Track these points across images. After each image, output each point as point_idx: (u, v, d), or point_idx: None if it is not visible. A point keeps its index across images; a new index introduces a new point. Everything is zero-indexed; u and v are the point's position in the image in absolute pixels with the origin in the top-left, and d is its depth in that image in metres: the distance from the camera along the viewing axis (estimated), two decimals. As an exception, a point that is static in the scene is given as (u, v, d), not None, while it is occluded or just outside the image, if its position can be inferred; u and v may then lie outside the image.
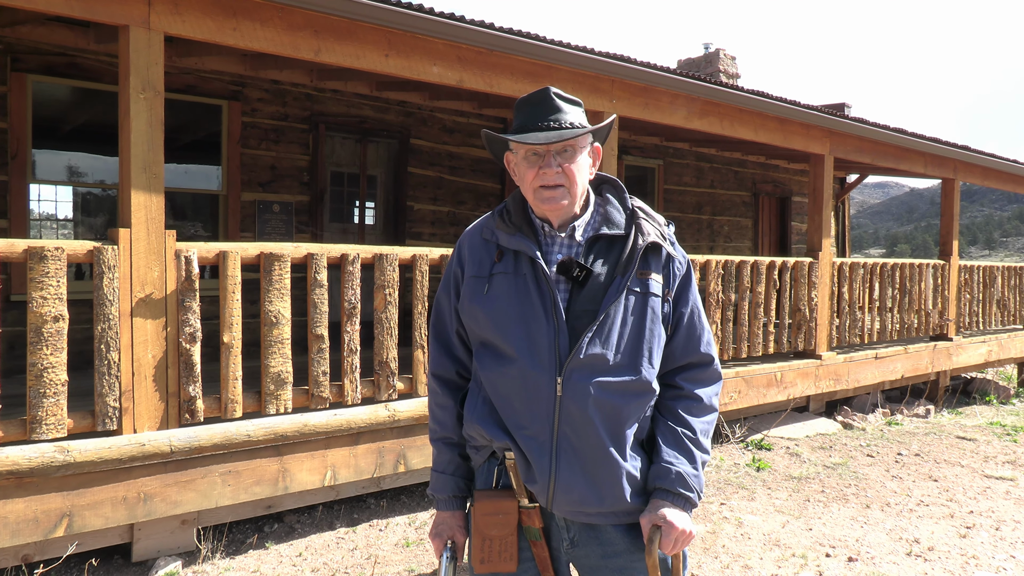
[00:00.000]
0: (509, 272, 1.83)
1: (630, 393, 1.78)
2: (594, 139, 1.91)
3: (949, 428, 8.02)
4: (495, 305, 1.82)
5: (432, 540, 1.97)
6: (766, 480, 5.91)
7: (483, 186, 9.37)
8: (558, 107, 1.82)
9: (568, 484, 1.76)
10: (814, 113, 7.25)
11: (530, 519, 1.83)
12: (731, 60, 13.97)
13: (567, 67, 5.49)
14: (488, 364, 1.83)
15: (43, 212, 6.93)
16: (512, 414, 1.80)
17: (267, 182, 7.71)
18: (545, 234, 1.87)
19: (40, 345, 3.52)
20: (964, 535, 4.84)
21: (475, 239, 1.93)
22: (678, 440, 1.83)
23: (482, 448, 1.90)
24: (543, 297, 1.79)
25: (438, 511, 1.99)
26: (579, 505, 1.78)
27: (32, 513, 3.54)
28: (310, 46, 4.37)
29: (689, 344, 1.90)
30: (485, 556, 1.84)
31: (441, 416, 1.99)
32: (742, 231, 12.65)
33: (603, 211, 1.90)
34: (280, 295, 4.28)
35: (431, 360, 2.02)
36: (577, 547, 1.85)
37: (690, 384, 1.89)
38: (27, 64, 6.32)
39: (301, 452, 4.36)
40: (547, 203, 1.81)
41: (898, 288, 8.87)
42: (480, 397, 1.88)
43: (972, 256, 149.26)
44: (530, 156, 1.82)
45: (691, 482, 1.79)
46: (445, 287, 1.97)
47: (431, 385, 2.02)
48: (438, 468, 1.99)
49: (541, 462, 1.77)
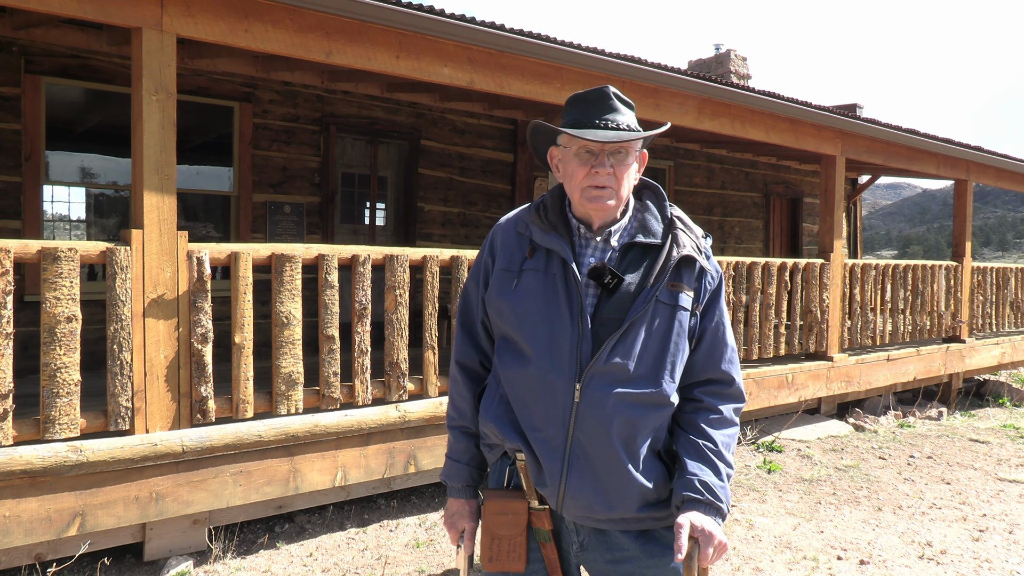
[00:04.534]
0: (539, 270, 1.80)
1: (649, 405, 1.76)
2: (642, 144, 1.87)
3: (962, 431, 7.96)
4: (521, 301, 1.80)
5: (447, 529, 1.97)
6: (777, 482, 5.89)
7: (493, 187, 9.37)
8: (616, 107, 1.79)
9: (578, 490, 1.75)
10: (825, 114, 7.22)
11: (540, 521, 1.83)
12: (742, 61, 13.93)
13: (577, 68, 5.49)
14: (507, 362, 1.82)
15: (56, 213, 6.98)
16: (527, 415, 1.79)
17: (278, 183, 7.73)
18: (580, 235, 1.84)
19: (53, 345, 3.55)
20: (977, 538, 4.80)
21: (509, 231, 1.91)
22: (701, 453, 1.79)
23: (495, 447, 1.89)
24: (570, 300, 1.76)
25: (451, 498, 1.99)
26: (588, 511, 1.77)
27: (45, 512, 3.56)
28: (321, 48, 4.39)
29: (710, 359, 1.86)
30: (494, 555, 1.85)
31: (460, 404, 1.98)
32: (753, 232, 12.60)
33: (640, 218, 1.86)
34: (291, 296, 4.30)
35: (456, 348, 2.00)
36: (586, 551, 1.85)
37: (711, 398, 1.86)
38: (41, 66, 6.37)
39: (312, 452, 4.37)
40: (594, 202, 1.77)
41: (910, 290, 8.81)
42: (497, 395, 1.87)
43: (985, 258, 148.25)
44: (583, 154, 1.78)
45: (719, 492, 1.75)
46: (474, 276, 1.95)
47: (454, 373, 2.00)
48: (453, 456, 1.99)
49: (552, 466, 1.76)
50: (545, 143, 1.91)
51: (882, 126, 7.90)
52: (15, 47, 6.26)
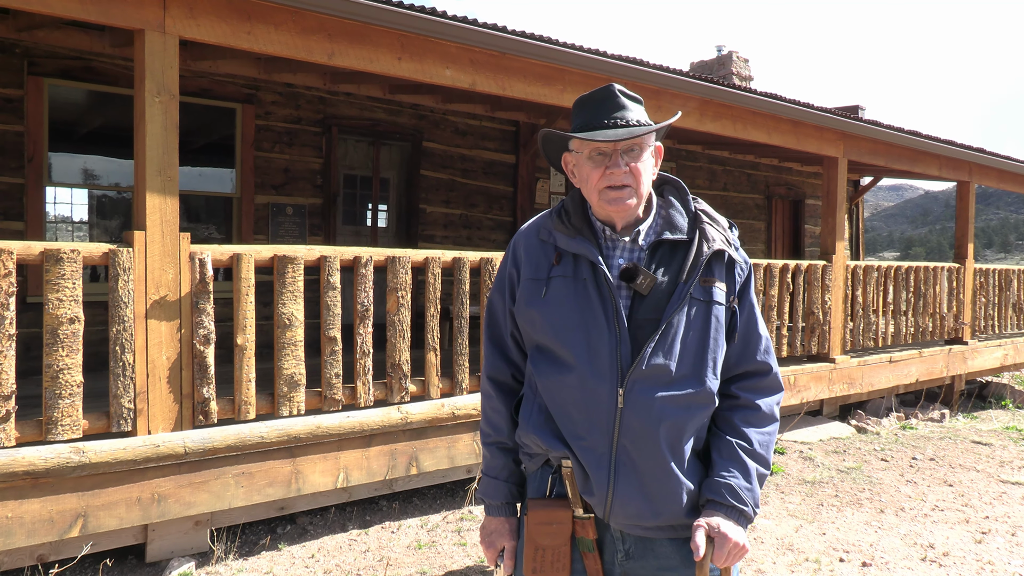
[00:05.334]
0: (568, 276, 1.76)
1: (694, 406, 1.73)
2: (656, 137, 1.83)
3: (964, 432, 7.95)
4: (554, 309, 1.75)
5: (485, 548, 1.92)
6: (779, 484, 5.88)
7: (495, 189, 9.38)
8: (623, 104, 1.75)
9: (626, 497, 1.71)
10: (827, 115, 7.22)
11: (584, 530, 1.77)
12: (744, 62, 13.93)
13: (579, 70, 5.49)
14: (545, 371, 1.78)
15: (59, 215, 6.99)
16: (569, 423, 1.75)
17: (280, 185, 7.74)
18: (606, 238, 1.80)
19: (56, 346, 3.55)
20: (980, 540, 4.79)
21: (531, 240, 1.86)
22: (732, 453, 1.76)
23: (536, 456, 1.84)
24: (604, 304, 1.72)
25: (489, 516, 1.94)
26: (636, 519, 1.73)
27: (48, 513, 3.56)
28: (323, 49, 4.39)
29: (746, 351, 1.82)
30: (537, 566, 1.79)
31: (495, 420, 1.93)
32: (755, 234, 12.60)
33: (665, 214, 1.83)
34: (293, 297, 4.30)
35: (486, 363, 1.96)
36: (632, 559, 1.79)
37: (748, 393, 1.82)
38: (44, 68, 6.38)
39: (314, 454, 4.38)
40: (614, 204, 1.74)
41: (912, 291, 8.81)
42: (536, 405, 1.82)
43: (987, 259, 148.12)
44: (595, 156, 1.74)
45: (743, 495, 1.72)
46: (499, 289, 1.91)
47: (485, 388, 1.96)
48: (491, 473, 1.94)
49: (599, 474, 1.71)
50: (557, 150, 1.88)
51: (884, 128, 7.89)
52: (18, 49, 6.27)
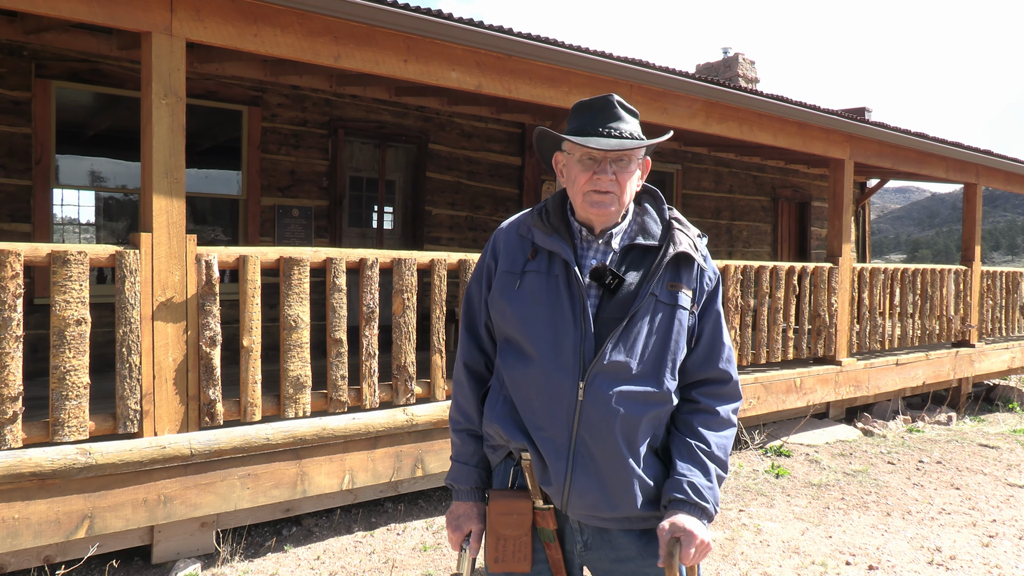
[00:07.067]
0: (542, 271, 1.84)
1: (652, 403, 1.80)
2: (645, 152, 1.91)
3: (971, 435, 7.92)
4: (524, 303, 1.83)
5: (450, 532, 1.97)
6: (785, 487, 5.86)
7: (501, 191, 9.38)
8: (620, 116, 1.83)
9: (583, 488, 1.78)
10: (834, 118, 7.20)
11: (544, 521, 1.85)
12: (750, 64, 13.91)
13: (585, 72, 5.49)
14: (511, 363, 1.85)
15: (66, 216, 7.02)
16: (531, 415, 1.82)
17: (286, 187, 7.76)
18: (581, 238, 1.88)
19: (62, 348, 3.56)
20: (987, 544, 4.77)
21: (511, 234, 1.94)
22: (692, 454, 1.82)
23: (499, 448, 1.91)
24: (573, 301, 1.79)
25: (457, 501, 1.98)
26: (592, 509, 1.80)
27: (54, 514, 3.57)
28: (330, 52, 4.40)
29: (709, 359, 1.89)
30: (499, 555, 1.86)
31: (466, 408, 1.99)
32: (761, 236, 12.57)
33: (640, 221, 1.91)
34: (299, 299, 4.31)
35: (461, 350, 2.02)
36: (590, 550, 1.87)
37: (708, 399, 1.88)
38: (51, 70, 6.41)
39: (319, 456, 4.38)
40: (596, 207, 1.81)
41: (919, 294, 8.78)
42: (501, 396, 1.89)
43: (995, 262, 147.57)
44: (586, 160, 1.82)
45: (705, 493, 1.78)
46: (477, 279, 1.98)
47: (458, 376, 2.01)
48: (460, 459, 2.00)
49: (558, 465, 1.78)
50: (550, 148, 1.95)
51: (891, 130, 7.87)
52: (26, 51, 6.29)
